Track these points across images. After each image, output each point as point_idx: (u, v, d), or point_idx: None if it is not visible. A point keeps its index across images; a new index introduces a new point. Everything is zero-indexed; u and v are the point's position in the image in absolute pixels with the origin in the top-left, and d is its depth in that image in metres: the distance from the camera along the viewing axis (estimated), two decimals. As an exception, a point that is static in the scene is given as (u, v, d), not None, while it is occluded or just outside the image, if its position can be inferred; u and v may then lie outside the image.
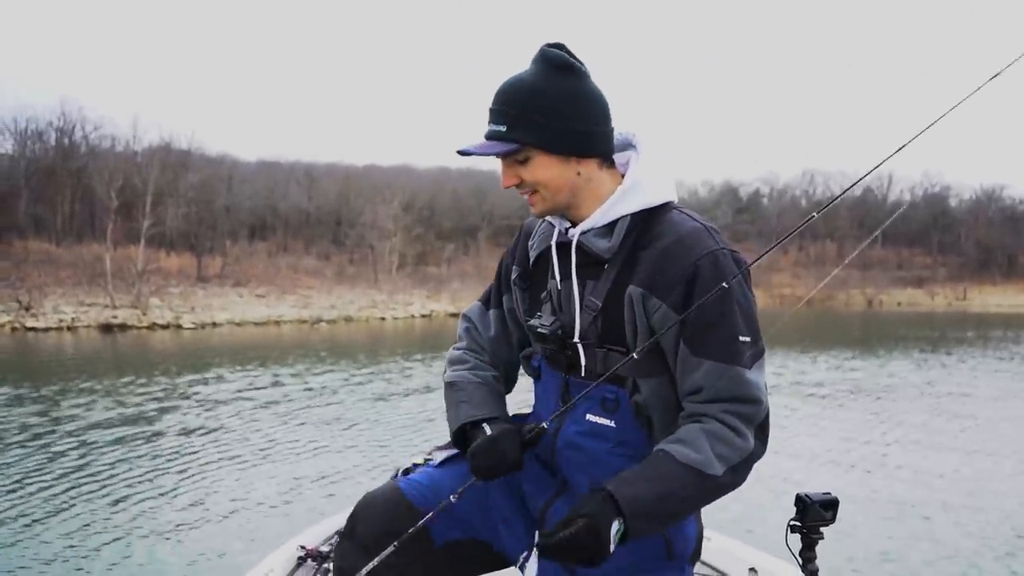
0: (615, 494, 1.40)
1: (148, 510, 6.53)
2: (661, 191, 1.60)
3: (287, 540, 2.23)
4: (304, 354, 21.42)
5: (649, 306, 1.51)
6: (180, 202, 49.42)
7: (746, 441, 1.47)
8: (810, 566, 1.67)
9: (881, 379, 16.35)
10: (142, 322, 35.33)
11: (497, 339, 1.83)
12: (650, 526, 1.45)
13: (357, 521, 1.70)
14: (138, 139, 51.64)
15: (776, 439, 6.48)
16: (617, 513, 1.39)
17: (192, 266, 48.72)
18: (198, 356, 21.04)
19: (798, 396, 13.55)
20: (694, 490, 1.44)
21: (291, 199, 66.79)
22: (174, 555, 5.52)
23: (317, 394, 13.58)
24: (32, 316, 34.24)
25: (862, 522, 6.22)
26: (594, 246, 1.58)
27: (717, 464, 1.44)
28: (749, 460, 1.48)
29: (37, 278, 39.72)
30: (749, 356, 1.50)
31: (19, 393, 13.26)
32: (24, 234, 46.74)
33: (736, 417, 1.47)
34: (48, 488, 7.17)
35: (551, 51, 1.53)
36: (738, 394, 1.47)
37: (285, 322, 39.59)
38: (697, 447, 1.44)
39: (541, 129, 1.51)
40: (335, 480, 7.65)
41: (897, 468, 8.38)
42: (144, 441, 9.36)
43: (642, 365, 1.54)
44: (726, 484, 1.47)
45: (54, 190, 51.19)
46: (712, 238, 1.54)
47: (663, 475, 1.43)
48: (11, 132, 54.05)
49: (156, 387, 14.27)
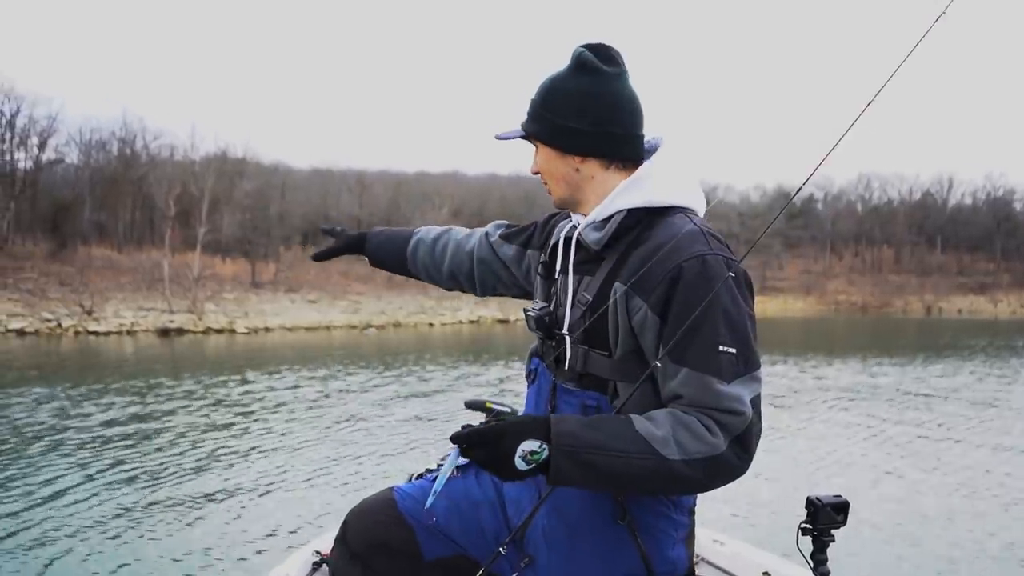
0: (550, 420, 1.38)
1: (180, 507, 6.63)
2: (669, 192, 1.59)
3: (303, 544, 2.24)
4: (352, 359, 21.65)
5: (631, 305, 1.47)
6: (235, 209, 50.56)
7: (716, 440, 1.36)
8: (821, 568, 1.66)
9: (909, 383, 15.83)
10: (198, 327, 36.18)
11: (483, 247, 1.97)
12: (574, 471, 1.35)
13: (348, 528, 1.74)
14: (195, 148, 53.21)
15: (790, 442, 6.21)
16: (543, 438, 1.35)
17: (246, 272, 49.75)
18: (250, 361, 21.43)
19: (822, 398, 13.21)
20: (639, 462, 1.35)
21: (343, 206, 67.80)
22: (202, 549, 5.59)
23: (361, 398, 13.70)
24: (94, 320, 35.37)
25: (883, 524, 6.05)
26: (586, 238, 1.60)
27: (674, 447, 1.34)
28: (716, 462, 1.36)
29: (99, 283, 41.02)
30: (729, 368, 1.39)
31: (77, 394, 13.67)
32: (87, 240, 48.34)
33: (712, 421, 1.37)
34: (77, 485, 7.33)
35: (579, 50, 1.56)
36: (714, 405, 1.37)
37: (335, 327, 40.14)
38: (659, 425, 1.37)
39: (543, 122, 1.59)
40: (374, 484, 7.66)
41: (921, 472, 8.18)
42: (190, 441, 9.54)
43: (622, 368, 1.51)
44: (679, 474, 1.35)
45: (116, 198, 52.85)
46: (707, 242, 1.48)
47: (613, 431, 1.37)
48: (76, 143, 56.07)
49: (206, 390, 14.57)
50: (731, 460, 1.37)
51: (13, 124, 47.81)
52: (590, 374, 1.56)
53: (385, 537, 1.66)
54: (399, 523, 1.68)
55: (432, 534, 1.69)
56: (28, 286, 39.23)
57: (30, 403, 12.52)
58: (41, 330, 33.30)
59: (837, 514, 1.65)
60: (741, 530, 1.68)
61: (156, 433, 10.13)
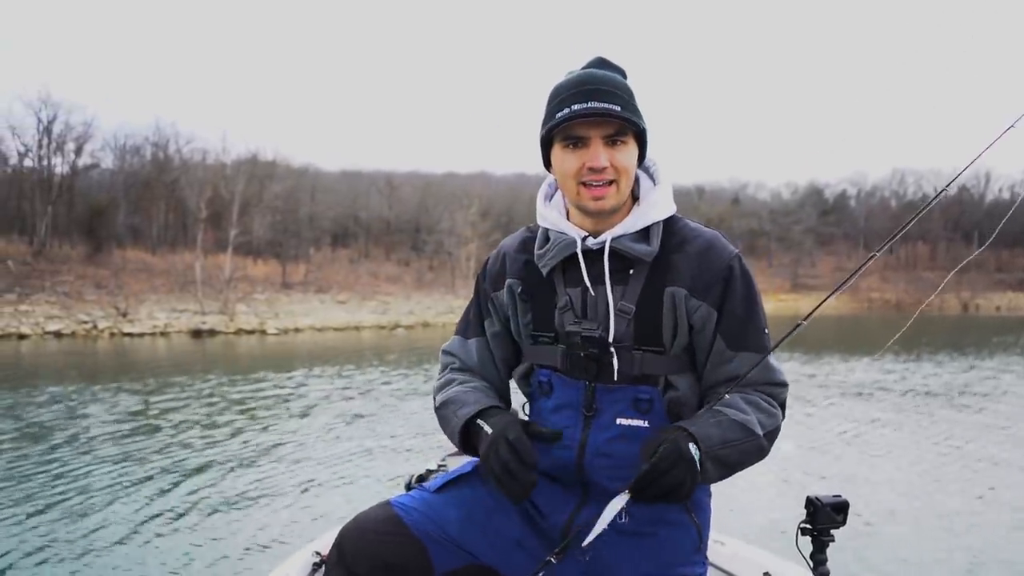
0: (689, 428, 1.45)
1: (192, 503, 6.66)
2: (672, 202, 1.70)
3: (303, 546, 2.20)
4: (380, 359, 21.74)
5: (690, 306, 1.59)
6: (266, 211, 51.17)
7: (776, 412, 1.59)
8: (821, 568, 1.68)
9: (924, 381, 15.48)
10: (229, 328, 36.62)
11: (483, 364, 1.78)
12: (716, 470, 1.48)
13: (346, 545, 1.61)
14: (227, 151, 53.84)
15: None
16: (696, 445, 1.43)
17: (277, 273, 50.33)
18: (279, 362, 21.63)
19: (840, 396, 12.95)
20: (745, 444, 1.51)
21: (372, 207, 68.31)
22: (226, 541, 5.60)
23: (385, 397, 13.73)
24: (128, 322, 35.98)
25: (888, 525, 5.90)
26: (632, 251, 1.60)
27: (759, 427, 1.53)
28: (777, 431, 1.59)
29: (133, 286, 41.75)
30: (770, 346, 1.62)
31: (112, 394, 13.87)
32: (122, 243, 49.21)
33: (769, 396, 1.61)
34: (75, 482, 7.41)
35: (606, 59, 1.64)
36: (769, 379, 1.61)
37: (364, 328, 40.37)
38: (742, 409, 1.53)
39: (642, 120, 1.60)
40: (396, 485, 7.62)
41: (935, 471, 7.98)
42: (216, 438, 9.61)
43: (676, 363, 1.62)
44: (763, 448, 1.55)
45: (149, 201, 53.78)
46: (729, 242, 1.67)
47: (722, 424, 1.49)
48: (111, 148, 57.16)
49: (237, 390, 14.71)
50: (780, 425, 1.60)
51: (50, 130, 48.86)
52: (646, 374, 1.61)
53: (392, 554, 1.58)
54: (407, 539, 1.60)
55: (444, 547, 1.63)
56: (65, 289, 40.06)
57: (48, 401, 12.73)
58: (78, 332, 33.94)
59: (837, 514, 1.68)
60: (741, 530, 1.69)
61: (181, 431, 10.23)
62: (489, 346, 1.78)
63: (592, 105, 1.52)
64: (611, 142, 1.56)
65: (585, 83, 1.55)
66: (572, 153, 1.57)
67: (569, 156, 1.58)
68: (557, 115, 1.56)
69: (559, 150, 1.60)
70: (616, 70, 1.63)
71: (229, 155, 53.39)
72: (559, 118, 1.54)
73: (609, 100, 1.54)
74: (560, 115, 1.54)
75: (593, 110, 1.52)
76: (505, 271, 1.75)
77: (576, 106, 1.53)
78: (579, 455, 1.62)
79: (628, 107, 1.56)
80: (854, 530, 5.92)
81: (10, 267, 40.25)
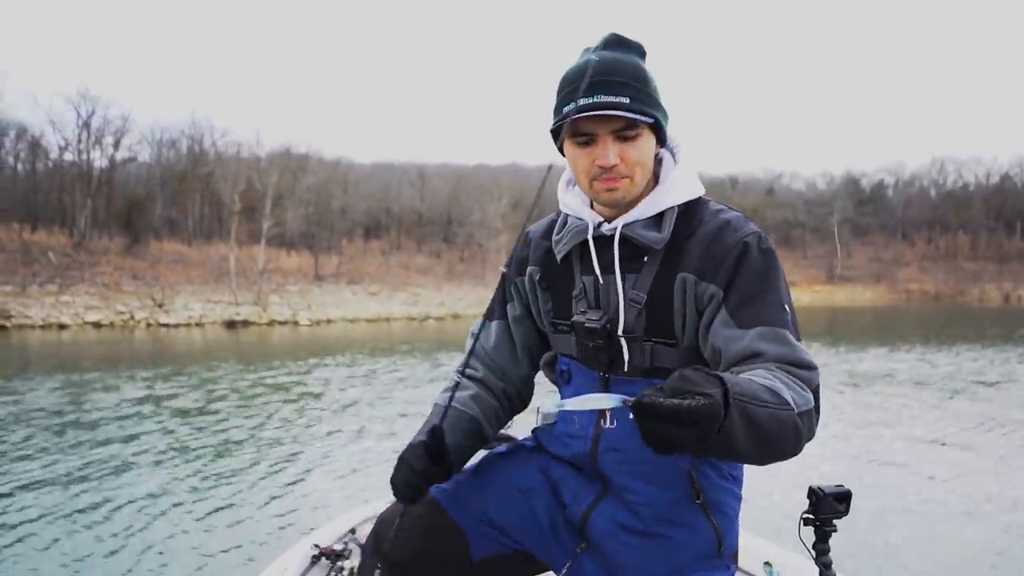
0: (727, 382, 1.09)
1: (207, 499, 6.72)
2: (697, 184, 1.57)
3: (301, 538, 2.21)
4: (410, 351, 21.85)
5: (700, 290, 1.47)
6: (299, 204, 51.66)
7: (807, 394, 1.29)
8: (823, 559, 1.65)
9: (945, 372, 15.08)
10: (263, 319, 37.10)
11: (498, 348, 1.76)
12: (743, 425, 1.10)
13: (381, 536, 1.62)
14: (261, 145, 54.61)
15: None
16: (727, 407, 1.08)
17: (310, 265, 50.81)
18: (312, 352, 21.82)
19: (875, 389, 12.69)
20: (779, 411, 1.18)
21: (404, 199, 68.66)
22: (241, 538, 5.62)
23: (413, 389, 13.77)
24: (164, 313, 36.59)
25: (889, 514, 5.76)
26: (642, 238, 1.51)
27: (791, 400, 1.22)
28: (811, 416, 1.28)
29: (169, 277, 42.44)
30: (793, 327, 1.42)
31: (148, 383, 14.10)
32: (159, 236, 50.09)
33: (796, 376, 1.31)
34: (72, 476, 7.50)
35: (622, 36, 1.50)
36: (794, 358, 1.34)
37: (395, 319, 40.61)
38: (768, 378, 1.24)
39: (656, 108, 1.48)
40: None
41: (938, 460, 7.86)
42: (244, 429, 9.70)
43: (689, 356, 1.50)
44: (799, 427, 1.23)
45: (185, 194, 54.63)
46: (752, 223, 1.53)
47: (752, 381, 1.19)
48: (148, 142, 58.13)
49: (267, 380, 14.86)
50: (816, 416, 1.32)
51: (89, 125, 49.84)
52: (656, 367, 1.52)
53: (432, 543, 1.59)
54: (448, 526, 1.60)
55: (483, 534, 1.62)
56: (104, 280, 40.84)
57: (85, 387, 12.96)
58: (115, 322, 34.64)
59: (839, 504, 1.63)
60: (743, 520, 1.67)
61: (215, 418, 10.34)
62: (509, 329, 1.76)
63: (598, 100, 1.42)
64: (621, 137, 1.46)
65: (591, 74, 1.43)
66: (581, 150, 1.49)
67: (579, 152, 1.50)
68: (564, 109, 1.47)
69: (569, 145, 1.51)
70: (632, 48, 1.49)
71: (263, 148, 54.20)
72: (565, 113, 1.46)
73: (617, 92, 1.42)
74: (566, 110, 1.45)
75: (599, 104, 1.41)
76: (528, 257, 1.72)
77: (582, 100, 1.42)
78: (593, 448, 1.60)
79: (639, 97, 1.44)
80: (855, 521, 5.76)
81: (52, 259, 41.15)
